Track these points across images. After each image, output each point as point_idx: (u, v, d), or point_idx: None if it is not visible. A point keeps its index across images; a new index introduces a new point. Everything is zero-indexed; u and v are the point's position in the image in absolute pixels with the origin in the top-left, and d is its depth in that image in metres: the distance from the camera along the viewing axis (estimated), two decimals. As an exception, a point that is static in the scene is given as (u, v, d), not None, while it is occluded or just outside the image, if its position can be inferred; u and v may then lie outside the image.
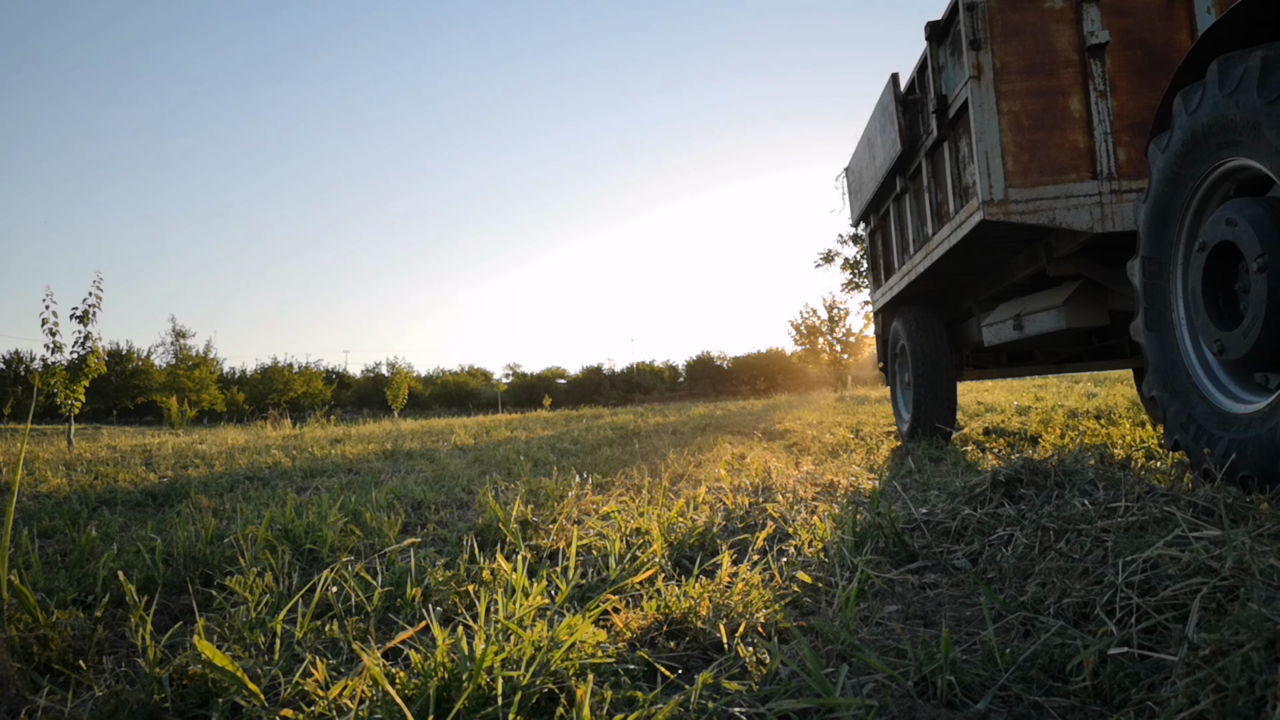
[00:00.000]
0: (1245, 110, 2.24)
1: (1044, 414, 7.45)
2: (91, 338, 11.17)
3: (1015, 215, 3.76)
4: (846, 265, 33.52)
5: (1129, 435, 4.70)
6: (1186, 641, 1.22)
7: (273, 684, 1.38)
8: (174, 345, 45.73)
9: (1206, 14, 3.77)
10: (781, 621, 1.60)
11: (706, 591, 1.73)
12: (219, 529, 2.84)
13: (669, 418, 13.02)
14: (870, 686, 1.27)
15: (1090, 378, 15.30)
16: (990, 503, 2.34)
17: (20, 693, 1.42)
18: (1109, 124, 3.76)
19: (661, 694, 1.25)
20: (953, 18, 4.19)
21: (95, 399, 38.14)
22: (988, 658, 1.36)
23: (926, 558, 2.08)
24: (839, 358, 38.52)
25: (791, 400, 23.31)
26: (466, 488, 4.23)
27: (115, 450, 9.20)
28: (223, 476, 5.35)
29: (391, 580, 2.00)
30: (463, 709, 1.18)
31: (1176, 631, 1.30)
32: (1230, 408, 2.44)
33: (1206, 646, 1.16)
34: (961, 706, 1.22)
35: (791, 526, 2.48)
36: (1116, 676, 1.22)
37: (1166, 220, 2.73)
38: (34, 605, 1.66)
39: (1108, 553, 1.71)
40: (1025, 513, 2.14)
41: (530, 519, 2.82)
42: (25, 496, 4.54)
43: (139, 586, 2.08)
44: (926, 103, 4.67)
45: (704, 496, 3.17)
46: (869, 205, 6.58)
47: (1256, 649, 1.10)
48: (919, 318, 5.78)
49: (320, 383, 52.36)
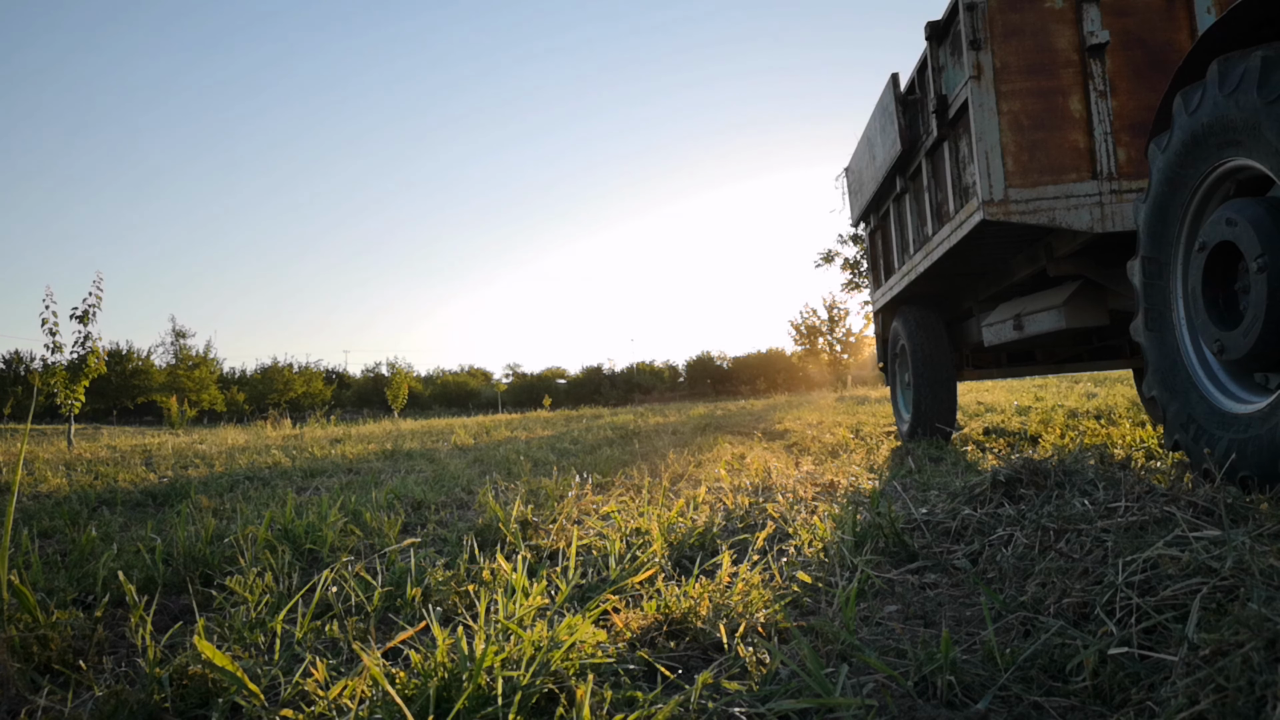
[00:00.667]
0: (1245, 110, 2.24)
1: (1044, 414, 7.45)
2: (91, 338, 11.18)
3: (1015, 215, 3.76)
4: (846, 265, 33.55)
5: (1129, 435, 4.70)
6: (1186, 641, 1.22)
7: (273, 684, 1.38)
8: (174, 345, 45.77)
9: (1206, 14, 3.78)
10: (781, 621, 1.60)
11: (706, 591, 1.73)
12: (219, 529, 2.84)
13: (669, 418, 13.02)
14: (870, 686, 1.27)
15: (1090, 378, 15.30)
16: (990, 503, 2.34)
17: (20, 693, 1.42)
18: (1109, 124, 3.76)
19: (661, 694, 1.25)
20: (953, 18, 4.19)
21: (95, 399, 38.14)
22: (988, 658, 1.36)
23: (926, 558, 2.08)
24: (839, 358, 38.57)
25: (791, 400, 23.31)
26: (466, 488, 4.23)
27: (115, 450, 9.20)
28: (223, 476, 5.35)
29: (391, 580, 2.00)
30: (463, 709, 1.18)
31: (1176, 631, 1.30)
32: (1230, 408, 2.44)
33: (1206, 646, 1.16)
34: (961, 706, 1.22)
35: (791, 526, 2.48)
36: (1116, 676, 1.22)
37: (1166, 220, 2.73)
38: (34, 605, 1.66)
39: (1108, 553, 1.71)
40: (1025, 513, 2.14)
41: (530, 519, 2.82)
42: (25, 496, 4.54)
43: (139, 586, 2.08)
44: (926, 103, 4.67)
45: (704, 496, 3.17)
46: (869, 205, 6.58)
47: (1256, 649, 1.10)
48: (919, 318, 5.78)
49: (320, 383, 52.38)
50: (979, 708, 1.20)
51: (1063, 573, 1.67)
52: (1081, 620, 1.50)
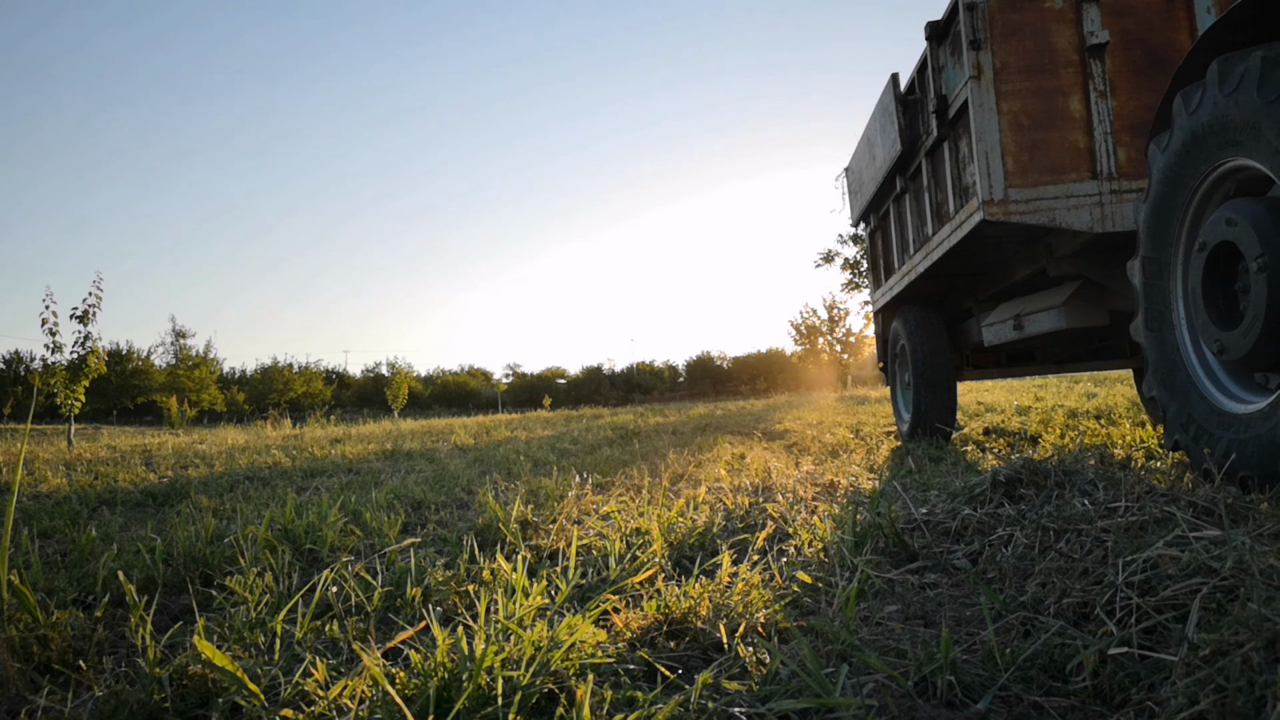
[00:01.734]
0: (1245, 110, 2.24)
1: (1044, 414, 7.45)
2: (91, 338, 11.18)
3: (1015, 215, 3.76)
4: (846, 265, 33.57)
5: (1129, 435, 4.70)
6: (1186, 641, 1.22)
7: (273, 684, 1.38)
8: (174, 345, 45.76)
9: (1206, 14, 3.78)
10: (781, 621, 1.60)
11: (706, 591, 1.73)
12: (219, 529, 2.84)
13: (669, 418, 13.02)
14: (870, 686, 1.27)
15: (1090, 378, 15.31)
16: (990, 503, 2.33)
17: (20, 693, 1.42)
18: (1109, 124, 3.76)
19: (661, 694, 1.25)
20: (953, 18, 4.19)
21: (95, 399, 38.14)
22: (988, 658, 1.36)
23: (926, 558, 2.08)
24: (839, 358, 38.58)
25: (791, 400, 23.31)
26: (466, 488, 4.23)
27: (115, 450, 9.20)
28: (223, 476, 5.35)
29: (391, 580, 2.00)
30: (463, 709, 1.18)
31: (1176, 631, 1.30)
32: (1230, 408, 2.44)
33: (1206, 646, 1.16)
34: (961, 706, 1.22)
35: (791, 526, 2.48)
36: (1116, 676, 1.22)
37: (1166, 220, 2.73)
38: (34, 605, 1.66)
39: (1108, 553, 1.71)
40: (1025, 513, 2.14)
41: (530, 519, 2.82)
42: (25, 496, 4.54)
43: (139, 586, 2.08)
44: (926, 103, 4.67)
45: (704, 496, 3.17)
46: (869, 205, 6.58)
47: (1256, 649, 1.10)
48: (919, 317, 5.78)
49: (320, 383, 52.36)
50: (979, 708, 1.20)
51: (1063, 573, 1.67)
52: (1082, 620, 1.50)
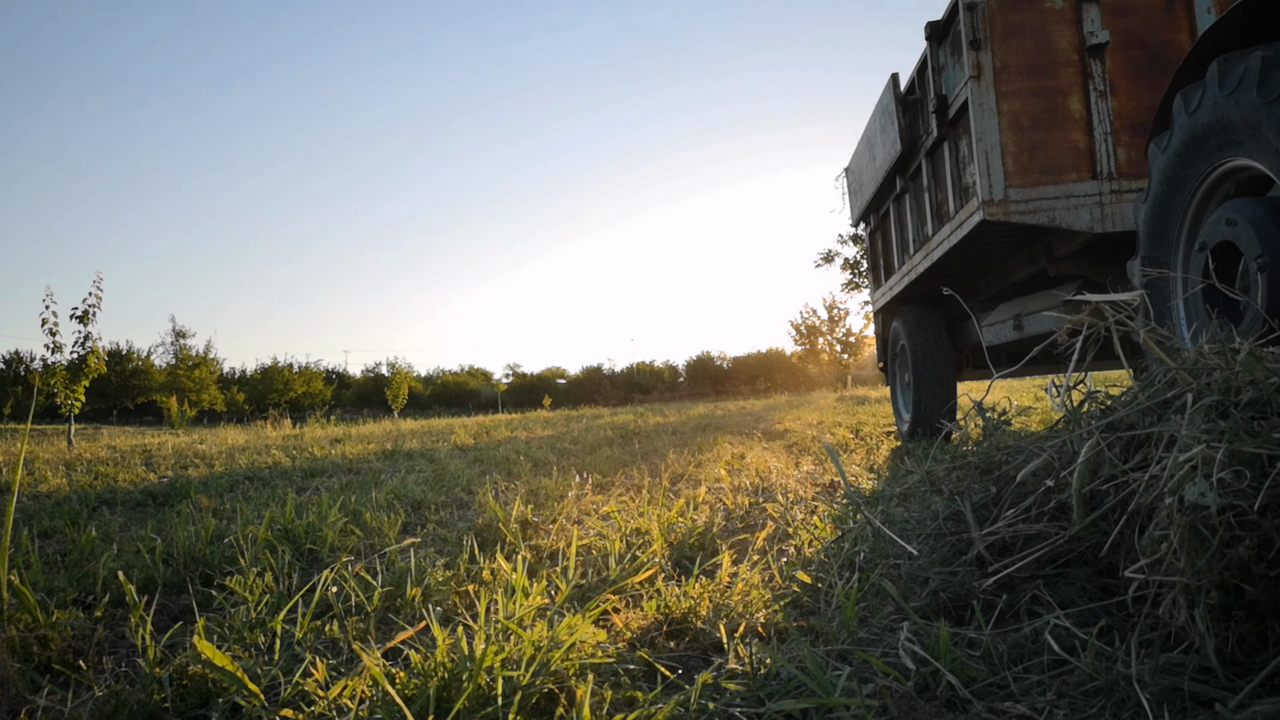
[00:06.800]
0: (1245, 110, 2.24)
1: (1044, 414, 7.45)
2: (91, 338, 11.17)
3: (1015, 215, 3.76)
4: (846, 265, 33.54)
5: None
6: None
7: (273, 684, 1.38)
8: (174, 345, 45.73)
9: (1206, 14, 3.78)
10: (781, 621, 1.60)
11: (706, 592, 1.73)
12: (219, 529, 2.84)
13: (669, 418, 13.02)
14: (870, 687, 1.27)
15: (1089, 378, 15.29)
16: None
17: (20, 693, 1.42)
18: (1109, 124, 3.76)
19: (661, 694, 1.26)
20: (953, 18, 4.19)
21: (95, 399, 38.14)
22: (987, 657, 1.36)
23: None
24: (839, 358, 38.58)
25: (791, 400, 23.31)
26: (466, 488, 4.23)
27: (115, 450, 9.20)
28: (223, 476, 5.35)
29: (391, 580, 2.00)
30: (463, 709, 1.18)
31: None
32: (1230, 408, 2.44)
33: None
34: (962, 707, 1.22)
35: (791, 526, 2.48)
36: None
37: (1166, 220, 2.73)
38: (34, 605, 1.66)
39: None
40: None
41: (530, 519, 2.82)
42: (25, 496, 4.54)
43: (139, 586, 2.08)
44: (926, 103, 4.67)
45: (704, 496, 3.18)
46: (869, 205, 6.58)
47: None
48: (919, 318, 5.78)
49: (320, 383, 52.34)
50: (979, 708, 1.20)
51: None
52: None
